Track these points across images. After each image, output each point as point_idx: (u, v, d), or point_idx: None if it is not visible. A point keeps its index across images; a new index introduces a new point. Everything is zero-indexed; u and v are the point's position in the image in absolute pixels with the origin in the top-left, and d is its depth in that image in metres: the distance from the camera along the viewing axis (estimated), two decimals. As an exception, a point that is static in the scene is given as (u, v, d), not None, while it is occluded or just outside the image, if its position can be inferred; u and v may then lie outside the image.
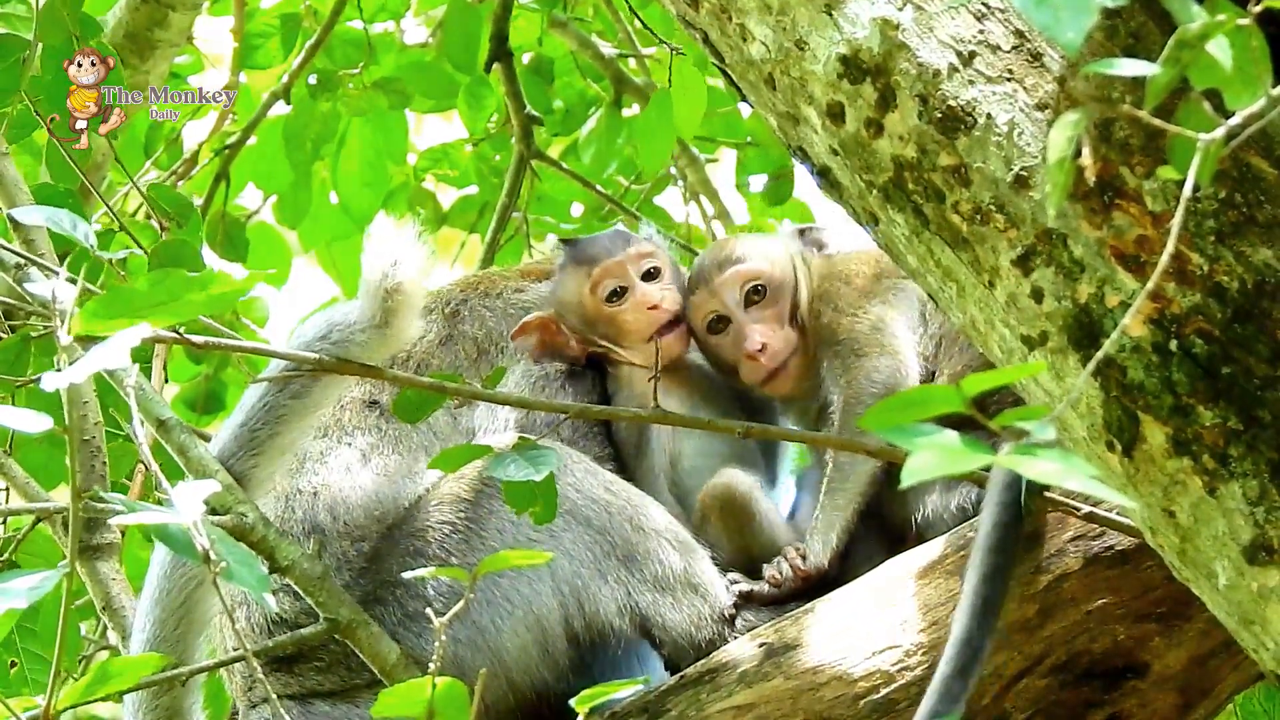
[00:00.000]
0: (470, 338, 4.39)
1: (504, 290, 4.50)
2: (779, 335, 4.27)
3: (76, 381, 2.91)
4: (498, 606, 3.99)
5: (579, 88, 6.60)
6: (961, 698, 3.38)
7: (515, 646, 3.98)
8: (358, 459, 4.16)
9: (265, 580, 3.03)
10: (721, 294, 4.31)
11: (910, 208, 3.12)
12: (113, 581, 4.60)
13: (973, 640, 3.41)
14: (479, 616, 3.98)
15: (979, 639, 3.41)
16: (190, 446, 3.88)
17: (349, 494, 4.10)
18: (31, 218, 3.72)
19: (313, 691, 4.04)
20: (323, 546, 4.06)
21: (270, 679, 4.02)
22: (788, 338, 4.27)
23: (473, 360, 4.36)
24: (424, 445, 4.21)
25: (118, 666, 3.01)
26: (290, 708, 4.01)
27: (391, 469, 4.15)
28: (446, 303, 4.45)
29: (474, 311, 4.44)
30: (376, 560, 4.04)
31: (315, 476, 4.14)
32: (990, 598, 3.45)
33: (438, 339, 4.37)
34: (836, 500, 4.08)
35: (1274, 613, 2.89)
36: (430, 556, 4.00)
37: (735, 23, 3.23)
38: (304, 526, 4.08)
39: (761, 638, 3.88)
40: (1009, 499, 3.52)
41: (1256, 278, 2.91)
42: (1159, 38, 2.95)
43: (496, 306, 4.47)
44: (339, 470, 4.15)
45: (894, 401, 2.52)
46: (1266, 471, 2.87)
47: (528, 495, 3.64)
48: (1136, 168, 2.96)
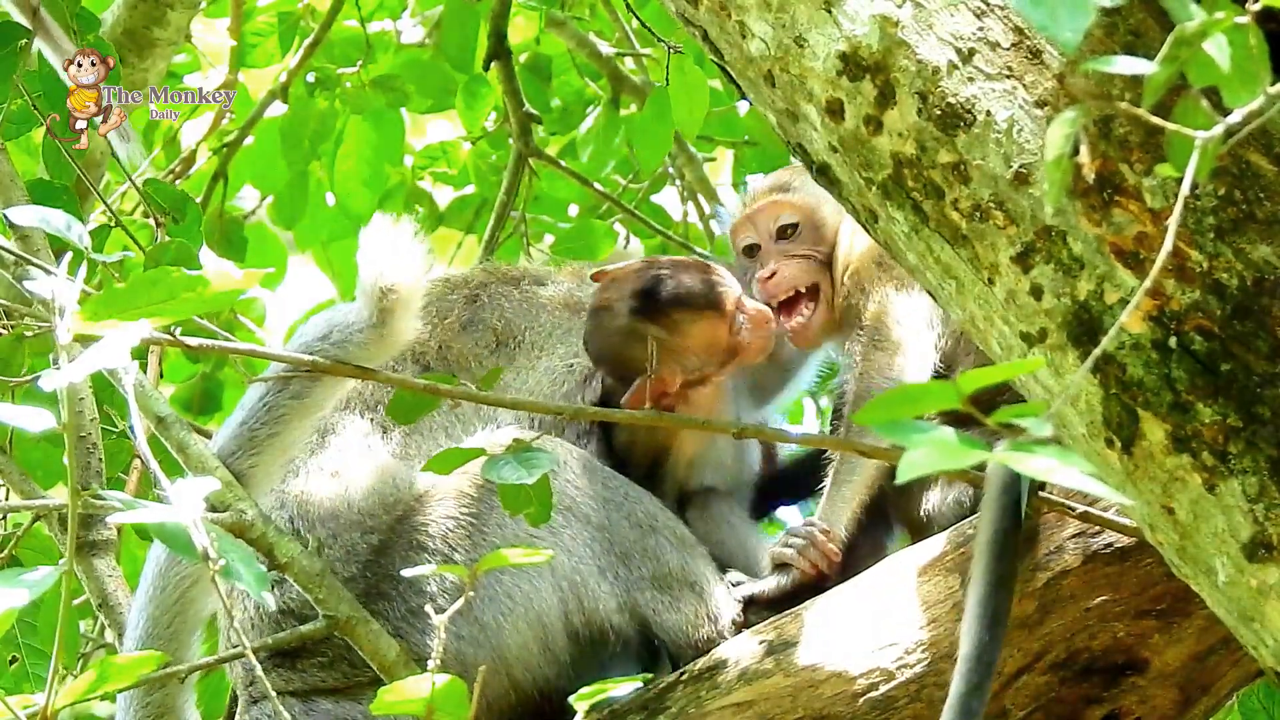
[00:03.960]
0: (490, 326, 4.38)
1: (523, 280, 4.49)
2: (795, 268, 4.24)
3: (76, 381, 2.91)
4: (500, 603, 3.98)
5: (577, 86, 6.59)
6: (979, 713, 3.36)
7: (517, 643, 3.98)
8: (378, 436, 4.15)
9: (264, 578, 3.02)
10: (756, 221, 4.30)
11: (909, 205, 3.12)
12: (109, 579, 4.60)
13: (984, 654, 3.39)
14: (481, 613, 3.97)
15: (990, 652, 3.39)
16: (189, 443, 3.88)
17: (365, 477, 4.09)
18: (25, 218, 3.72)
19: (315, 688, 4.04)
20: (334, 536, 4.05)
21: (272, 675, 4.02)
22: (804, 275, 4.23)
23: (491, 350, 4.35)
24: (444, 426, 4.20)
25: (117, 664, 3.01)
26: (292, 705, 4.00)
27: (410, 450, 4.14)
28: (468, 285, 4.44)
29: (493, 299, 4.43)
30: (382, 554, 4.03)
31: (336, 455, 4.13)
32: (998, 609, 3.43)
33: (459, 322, 4.36)
34: (843, 492, 4.06)
35: (1273, 609, 2.89)
36: (434, 552, 4.00)
37: (734, 20, 3.23)
38: (319, 511, 4.06)
39: (761, 635, 3.89)
40: (1008, 502, 3.51)
41: (1256, 274, 2.91)
42: (1159, 35, 2.95)
43: (514, 297, 4.46)
44: (358, 448, 4.13)
45: (891, 397, 2.52)
46: (1266, 468, 2.87)
47: (523, 497, 3.64)
48: (1136, 165, 2.97)
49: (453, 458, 3.66)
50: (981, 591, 3.44)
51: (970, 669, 3.37)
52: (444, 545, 4.01)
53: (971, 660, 3.38)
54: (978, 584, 3.45)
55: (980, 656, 3.38)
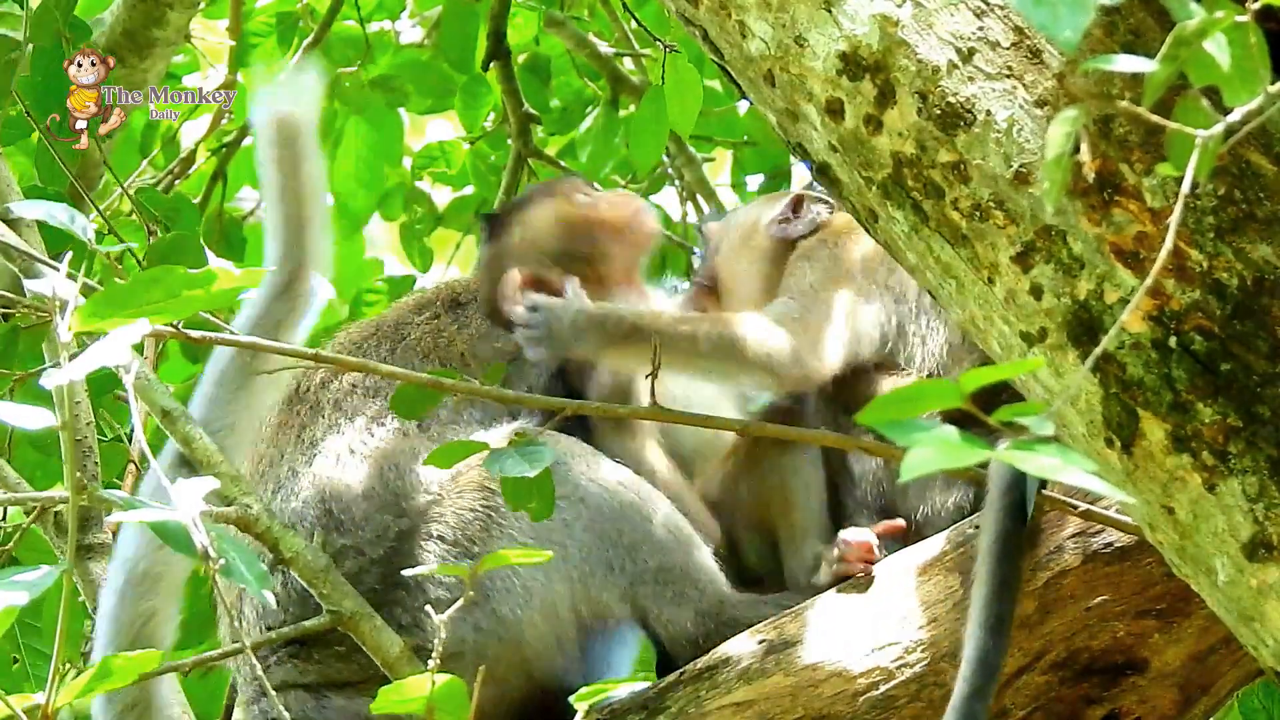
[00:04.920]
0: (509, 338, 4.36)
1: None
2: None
3: (77, 378, 2.92)
4: (516, 595, 3.98)
5: (576, 86, 6.60)
6: (983, 717, 3.35)
7: (534, 636, 3.98)
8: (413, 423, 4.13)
9: (265, 577, 3.03)
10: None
11: (909, 204, 3.12)
12: (104, 582, 4.59)
13: (988, 657, 3.38)
14: (499, 605, 3.97)
15: (994, 656, 3.39)
16: (195, 437, 3.88)
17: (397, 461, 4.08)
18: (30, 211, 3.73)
19: (330, 681, 4.02)
20: (366, 518, 4.03)
21: (286, 665, 4.01)
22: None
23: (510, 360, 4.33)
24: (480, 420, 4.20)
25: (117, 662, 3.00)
26: (304, 699, 4.00)
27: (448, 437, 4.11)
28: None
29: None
30: (405, 540, 4.03)
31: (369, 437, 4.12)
32: (1002, 612, 3.43)
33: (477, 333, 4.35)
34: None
35: (1273, 609, 2.89)
36: (452, 543, 3.99)
37: (734, 19, 3.24)
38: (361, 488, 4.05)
39: (761, 634, 3.88)
40: (1011, 502, 3.50)
41: (1256, 274, 2.91)
42: (1158, 34, 2.96)
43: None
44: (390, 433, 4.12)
45: (892, 397, 2.52)
46: (1266, 468, 2.88)
47: (525, 491, 3.64)
48: (1136, 164, 2.97)
49: (454, 451, 3.66)
50: (986, 594, 3.43)
51: (974, 671, 3.37)
52: (463, 538, 4.01)
53: (975, 663, 3.37)
54: (982, 586, 3.44)
55: (984, 659, 3.38)
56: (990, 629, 3.40)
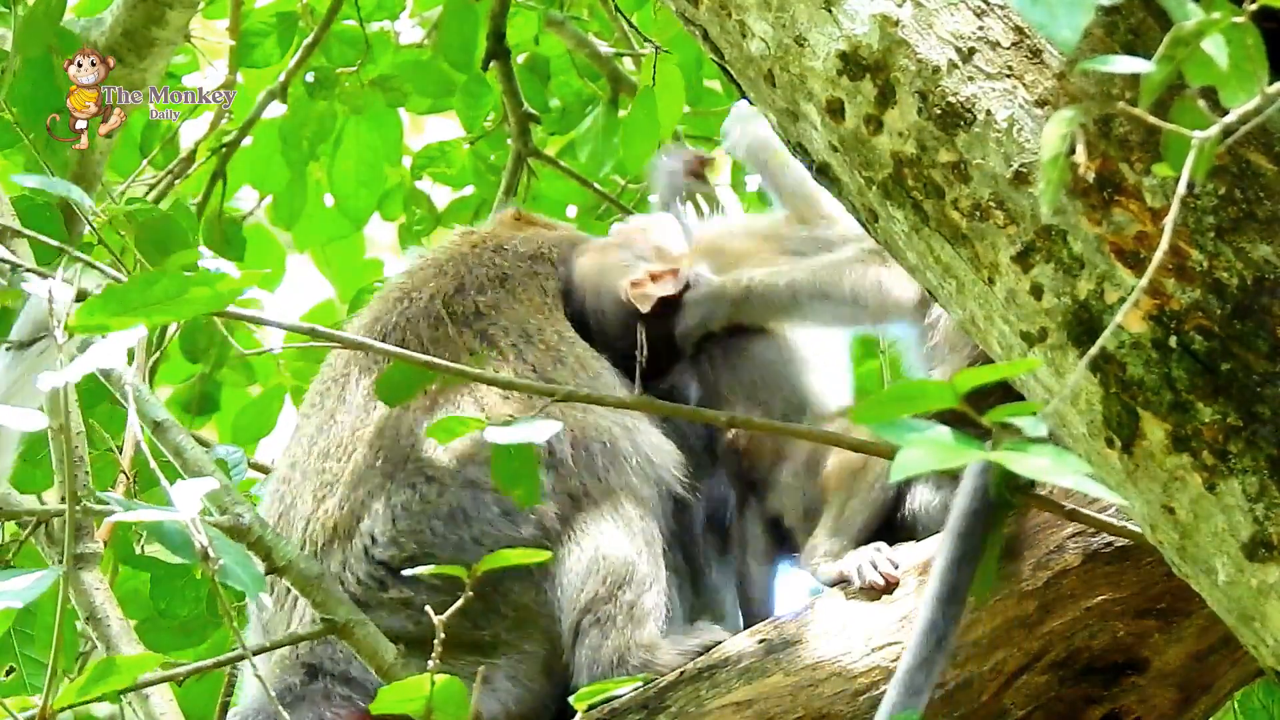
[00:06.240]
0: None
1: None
2: None
3: (74, 380, 2.91)
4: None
5: (576, 86, 6.59)
6: (925, 690, 3.40)
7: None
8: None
9: (260, 580, 3.03)
10: None
11: (909, 204, 3.12)
12: (96, 591, 4.60)
13: (936, 628, 3.43)
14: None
15: (943, 627, 3.43)
16: (187, 447, 3.89)
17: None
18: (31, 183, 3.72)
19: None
20: (441, 490, 4.02)
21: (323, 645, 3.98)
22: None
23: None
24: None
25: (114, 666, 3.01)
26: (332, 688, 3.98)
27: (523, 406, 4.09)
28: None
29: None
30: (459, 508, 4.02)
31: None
32: (956, 585, 3.47)
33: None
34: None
35: (1273, 609, 2.89)
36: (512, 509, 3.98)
37: (734, 19, 3.23)
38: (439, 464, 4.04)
39: (761, 634, 3.89)
40: (980, 485, 3.53)
41: (1256, 274, 2.91)
42: (1158, 34, 2.95)
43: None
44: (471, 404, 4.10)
45: (886, 395, 2.52)
46: (1266, 468, 2.87)
47: (513, 475, 3.61)
48: (1136, 164, 2.96)
49: (453, 426, 3.62)
50: (941, 566, 3.49)
51: (919, 643, 3.41)
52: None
53: (923, 634, 3.42)
54: (940, 559, 3.50)
55: (932, 630, 3.42)
56: (943, 600, 3.44)
